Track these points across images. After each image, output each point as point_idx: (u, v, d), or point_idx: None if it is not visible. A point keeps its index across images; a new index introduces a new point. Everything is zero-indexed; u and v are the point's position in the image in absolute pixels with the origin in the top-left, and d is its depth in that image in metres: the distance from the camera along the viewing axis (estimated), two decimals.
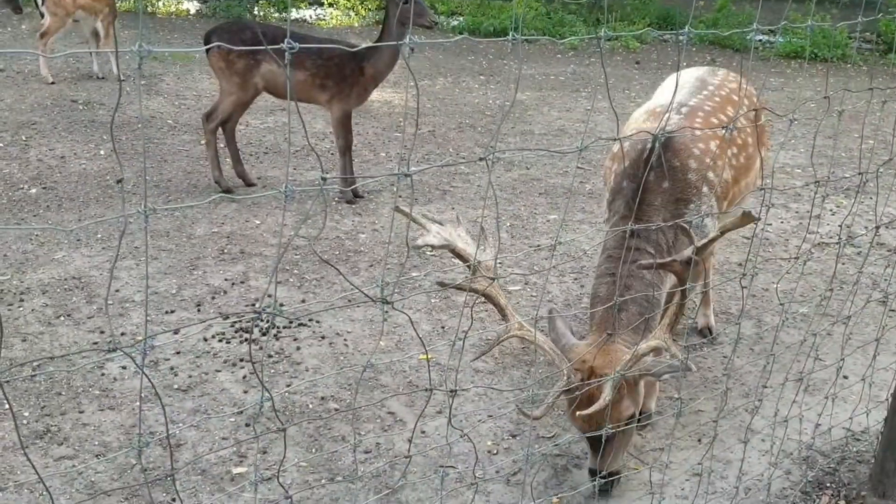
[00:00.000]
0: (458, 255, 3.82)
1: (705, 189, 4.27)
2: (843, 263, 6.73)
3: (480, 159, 2.33)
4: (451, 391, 2.95)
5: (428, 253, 4.14)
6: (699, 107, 4.67)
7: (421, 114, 11.16)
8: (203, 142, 9.41)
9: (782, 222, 7.87)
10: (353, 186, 8.23)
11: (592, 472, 3.86)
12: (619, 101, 12.10)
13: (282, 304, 5.84)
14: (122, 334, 5.37)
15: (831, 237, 7.31)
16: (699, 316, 5.53)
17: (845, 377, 4.88)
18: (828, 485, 4.15)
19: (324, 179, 2.24)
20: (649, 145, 4.17)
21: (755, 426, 4.31)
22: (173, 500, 3.95)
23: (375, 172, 8.93)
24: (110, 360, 5.01)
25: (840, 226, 7.28)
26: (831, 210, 8.15)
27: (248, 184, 8.21)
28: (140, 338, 4.30)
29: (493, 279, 3.59)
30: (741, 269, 3.39)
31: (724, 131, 3.54)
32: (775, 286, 6.17)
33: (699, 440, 4.48)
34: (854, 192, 8.05)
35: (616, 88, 13.48)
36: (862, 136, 5.55)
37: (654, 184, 4.18)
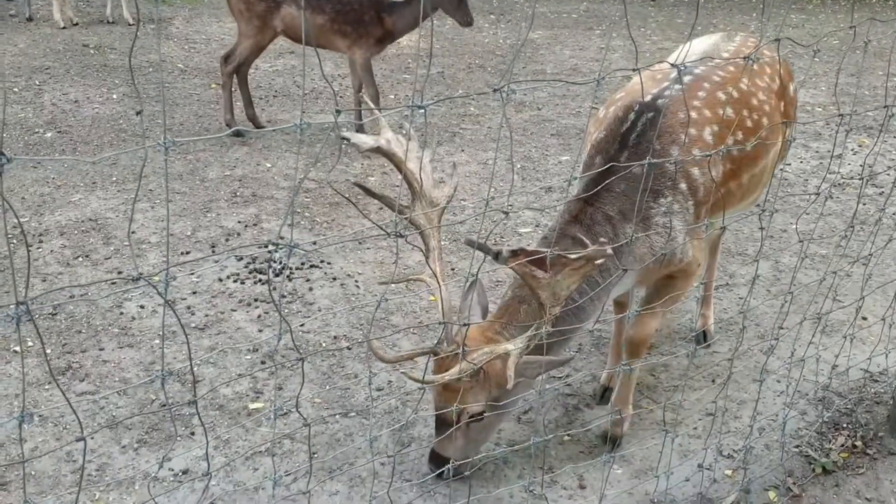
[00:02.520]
0: (405, 178, 3.51)
1: (683, 186, 3.58)
2: (864, 204, 6.69)
3: (495, 90, 2.32)
4: (464, 324, 2.98)
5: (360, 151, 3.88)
6: (706, 76, 3.87)
7: (431, 55, 11.07)
8: (213, 85, 9.39)
9: (802, 162, 7.81)
10: (360, 128, 8.22)
11: (430, 455, 3.59)
12: (634, 39, 11.96)
13: (295, 246, 5.85)
14: (140, 274, 5.41)
15: (852, 177, 7.26)
16: (699, 318, 4.94)
17: (864, 318, 4.89)
18: (844, 425, 4.18)
19: (338, 112, 2.23)
20: (632, 117, 3.62)
21: (770, 367, 4.33)
22: (192, 433, 4.01)
23: (385, 113, 8.89)
24: (129, 299, 5.06)
25: (862, 165, 7.23)
26: (853, 150, 8.06)
27: (258, 126, 8.20)
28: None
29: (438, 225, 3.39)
30: (758, 209, 3.36)
31: (748, 62, 3.18)
32: (794, 226, 6.16)
33: (713, 380, 4.51)
34: (877, 131, 7.99)
35: (631, 26, 13.31)
36: (888, 72, 5.45)
37: (631, 157, 3.53)
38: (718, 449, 3.98)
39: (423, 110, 2.31)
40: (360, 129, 8.09)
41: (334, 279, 5.46)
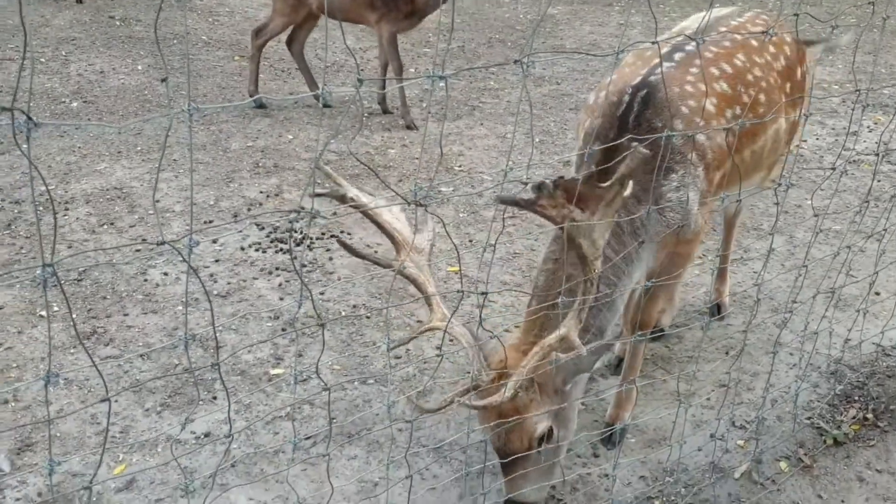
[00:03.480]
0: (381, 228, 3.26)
1: (693, 155, 3.50)
2: (879, 180, 6.69)
3: (515, 62, 2.36)
4: (483, 293, 3.02)
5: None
6: (696, 54, 3.65)
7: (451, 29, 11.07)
8: (237, 58, 9.45)
9: (817, 139, 7.79)
10: (382, 99, 8.26)
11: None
12: (654, 15, 11.89)
13: (314, 216, 5.93)
14: (164, 241, 5.50)
15: (867, 154, 7.25)
16: (713, 291, 4.92)
17: (877, 293, 4.91)
18: (856, 398, 4.22)
19: (360, 81, 2.28)
20: (626, 99, 3.52)
21: (784, 340, 4.36)
22: (214, 397, 4.11)
23: (408, 86, 8.92)
24: (153, 266, 5.16)
25: (877, 142, 7.22)
26: (868, 127, 8.03)
27: (325, 105, 8.25)
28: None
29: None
30: (774, 184, 3.38)
31: (764, 36, 3.08)
32: (809, 202, 6.17)
33: (727, 352, 4.56)
34: (893, 109, 7.96)
35: (651, 2, 13.22)
36: None
37: (628, 148, 3.20)
38: (731, 420, 4.03)
39: (443, 81, 2.34)
40: (382, 100, 8.16)
41: (367, 246, 5.53)
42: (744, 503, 3.58)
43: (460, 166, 6.91)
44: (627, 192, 2.81)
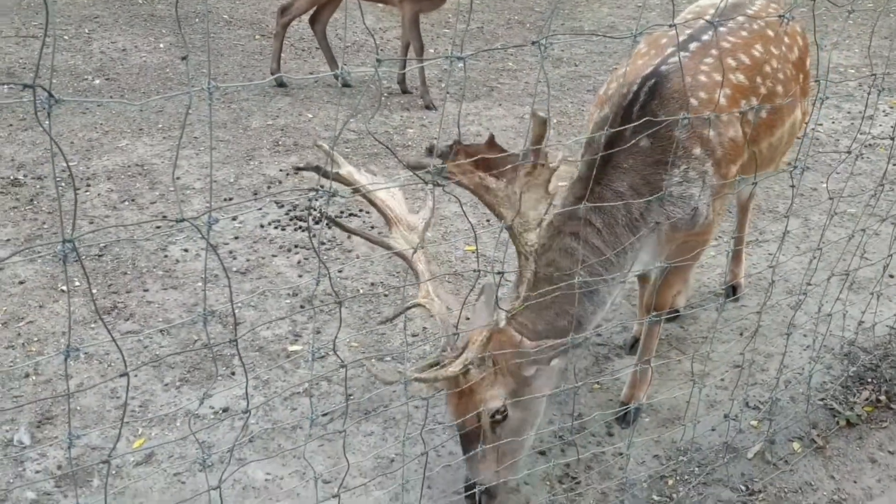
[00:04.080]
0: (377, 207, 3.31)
1: (697, 150, 3.40)
2: (894, 164, 6.66)
3: (533, 43, 2.38)
4: (499, 273, 3.04)
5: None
6: (712, 43, 3.63)
7: (470, 10, 11.04)
8: (258, 37, 9.47)
9: (833, 122, 7.76)
10: (402, 78, 8.27)
11: (466, 489, 3.26)
12: None
13: (334, 195, 5.97)
14: (181, 229, 5.57)
15: (883, 138, 7.21)
16: (728, 273, 4.92)
17: (891, 276, 4.92)
18: (869, 380, 4.23)
19: (379, 62, 2.30)
20: (634, 89, 3.44)
21: (798, 321, 4.38)
22: (232, 373, 4.16)
23: (427, 66, 8.92)
24: (173, 242, 5.21)
25: (893, 126, 7.19)
26: (884, 111, 7.99)
27: (345, 84, 8.27)
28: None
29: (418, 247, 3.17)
30: (789, 167, 3.37)
31: (782, 20, 3.05)
32: (824, 185, 6.16)
33: (741, 334, 4.58)
34: None
35: None
36: None
37: (631, 139, 3.30)
38: (745, 400, 4.06)
39: (462, 62, 2.36)
40: (402, 79, 8.17)
41: (372, 227, 5.56)
42: (756, 483, 3.60)
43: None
44: (556, 164, 2.77)
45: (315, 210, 5.74)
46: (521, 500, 3.48)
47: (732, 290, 4.90)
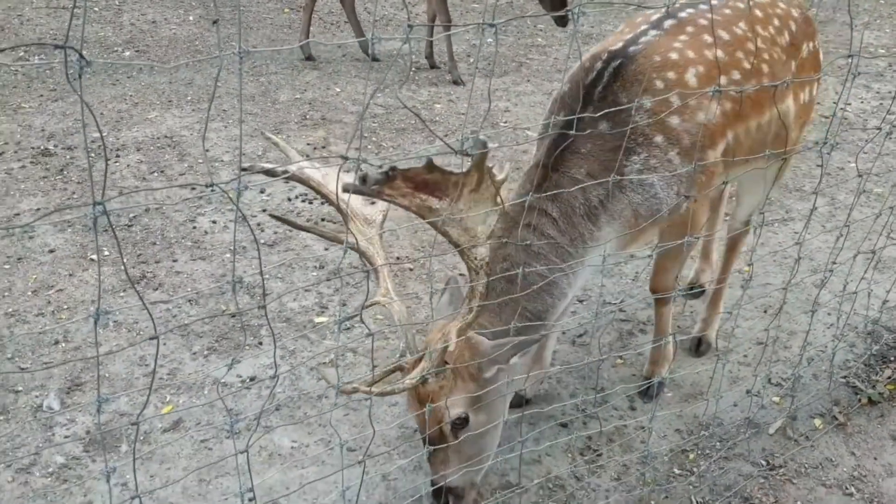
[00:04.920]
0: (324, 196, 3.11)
1: (659, 139, 3.21)
2: None
3: (566, 11, 2.38)
4: (527, 243, 3.06)
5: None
6: (692, 20, 3.46)
7: None
8: (286, 10, 9.49)
9: (862, 102, 7.69)
10: (429, 50, 8.26)
11: (433, 492, 3.12)
12: None
13: (364, 160, 6.00)
14: (213, 190, 5.62)
15: None
16: (699, 321, 4.40)
17: None
18: (891, 359, 4.22)
19: (410, 27, 2.29)
20: (598, 66, 3.28)
21: (822, 300, 4.37)
22: (260, 343, 4.22)
23: (455, 41, 8.91)
24: (202, 214, 5.27)
25: None
26: None
27: (373, 59, 8.28)
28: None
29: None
30: (817, 145, 3.33)
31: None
32: (852, 164, 6.12)
33: (765, 311, 4.58)
34: None
35: None
36: None
37: (590, 123, 3.15)
38: (767, 377, 4.06)
39: (493, 29, 2.35)
40: (430, 54, 8.16)
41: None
42: (777, 458, 3.62)
43: (506, 122, 6.93)
44: (502, 176, 2.64)
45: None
46: (543, 471, 3.51)
47: (697, 344, 4.32)
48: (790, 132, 3.66)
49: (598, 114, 3.06)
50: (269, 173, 2.73)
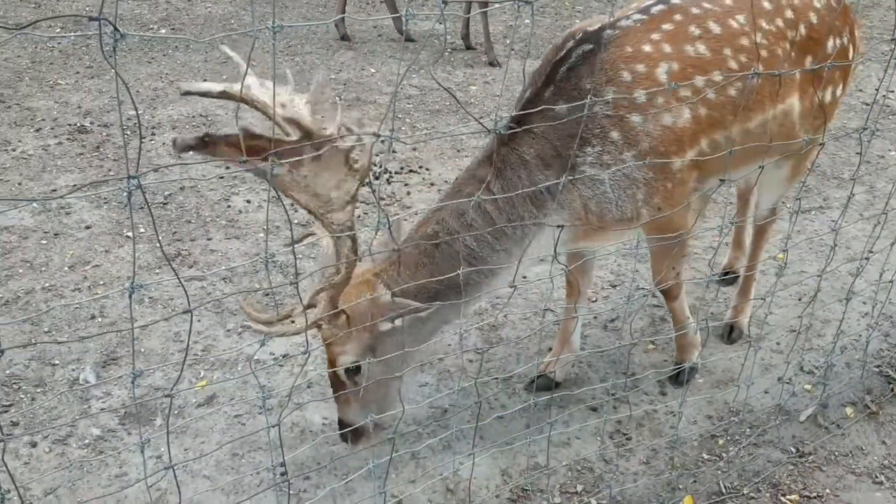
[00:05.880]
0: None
1: (615, 134, 3.07)
2: None
3: None
4: (559, 226, 3.05)
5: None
6: (682, 7, 3.24)
7: None
8: None
9: None
10: (465, 24, 8.24)
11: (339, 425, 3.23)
12: None
13: (394, 151, 6.01)
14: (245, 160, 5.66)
15: None
16: (730, 308, 4.34)
17: None
18: None
19: (445, 3, 2.27)
20: (570, 45, 3.14)
21: (857, 288, 4.32)
22: (293, 321, 4.24)
23: (492, 22, 8.87)
24: (236, 193, 5.31)
25: None
26: None
27: (408, 39, 8.29)
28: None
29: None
30: (857, 132, 3.28)
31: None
32: (892, 152, 6.05)
33: (799, 298, 4.54)
34: None
35: None
36: None
37: (548, 101, 3.05)
38: (799, 364, 4.04)
39: (530, 7, 2.33)
40: (465, 35, 8.14)
41: (432, 184, 5.60)
42: (808, 445, 3.60)
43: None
44: (348, 144, 2.57)
45: (375, 165, 5.79)
46: (572, 454, 3.52)
47: (729, 331, 4.26)
48: (796, 133, 3.43)
49: (562, 95, 3.00)
50: (207, 94, 2.50)
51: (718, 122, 3.18)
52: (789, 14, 3.36)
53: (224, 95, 2.70)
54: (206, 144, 2.29)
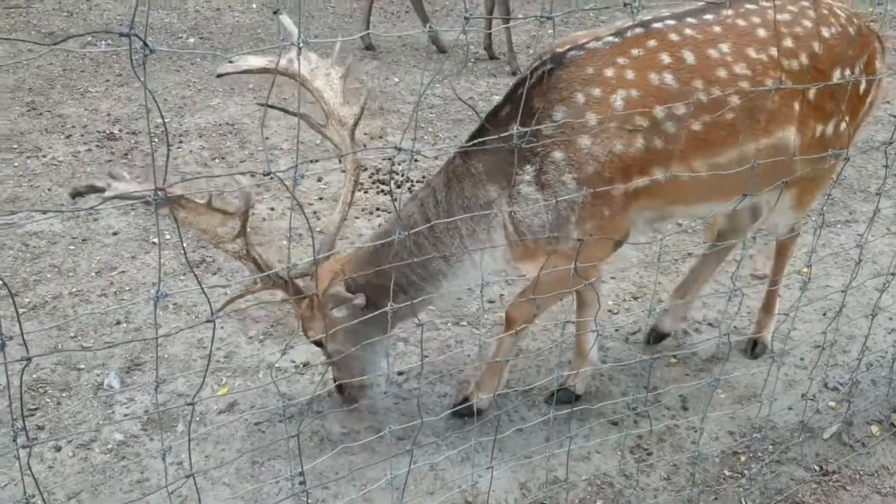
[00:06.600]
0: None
1: (558, 155, 3.01)
2: None
3: (626, 5, 2.37)
4: (579, 239, 3.04)
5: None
6: (659, 34, 3.12)
7: None
8: None
9: None
10: (488, 39, 8.26)
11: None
12: None
13: (416, 160, 6.03)
14: (272, 179, 5.69)
15: None
16: (754, 323, 4.29)
17: None
18: None
19: (466, 19, 2.29)
20: (535, 64, 3.16)
21: (883, 304, 4.29)
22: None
23: (515, 31, 8.88)
24: (259, 200, 5.34)
25: None
26: None
27: (441, 50, 8.30)
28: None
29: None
30: (884, 145, 3.23)
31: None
32: None
33: (824, 314, 4.50)
34: None
35: None
36: None
37: (505, 119, 3.10)
38: (824, 381, 4.00)
39: (551, 22, 2.35)
40: (488, 45, 8.16)
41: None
42: (832, 463, 3.56)
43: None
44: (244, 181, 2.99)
45: (397, 174, 5.80)
46: (592, 468, 3.51)
47: (753, 346, 4.23)
48: (794, 168, 3.25)
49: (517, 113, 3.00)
50: (248, 71, 3.18)
51: (679, 154, 3.06)
52: (788, 43, 3.21)
53: (265, 71, 3.03)
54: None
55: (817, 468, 3.55)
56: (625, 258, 4.93)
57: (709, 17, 3.19)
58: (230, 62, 3.34)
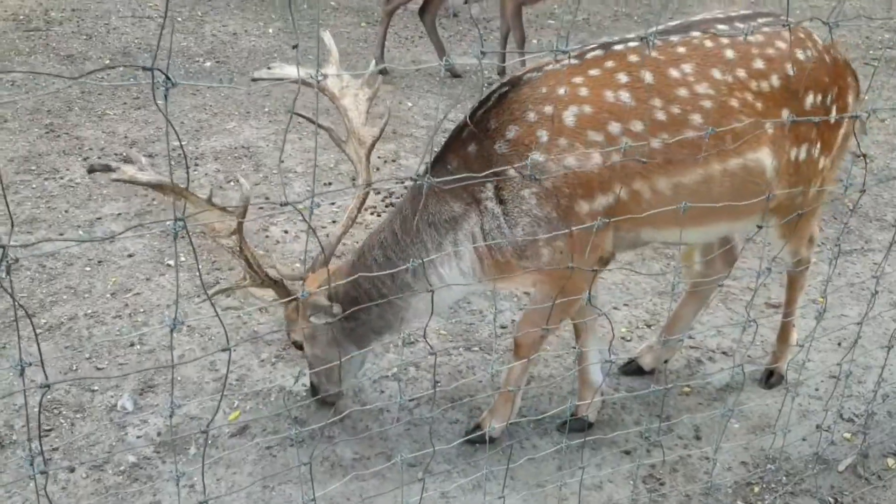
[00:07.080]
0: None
1: (512, 172, 3.08)
2: None
3: (641, 39, 2.39)
4: (594, 270, 3.05)
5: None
6: (619, 55, 3.16)
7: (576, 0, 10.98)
8: (363, 24, 9.62)
9: None
10: (502, 70, 8.29)
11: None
12: None
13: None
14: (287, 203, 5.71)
15: None
16: (769, 353, 4.27)
17: None
18: None
19: (483, 53, 2.33)
20: (496, 86, 3.29)
21: None
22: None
23: (528, 58, 8.92)
24: (274, 223, 5.36)
25: None
26: None
27: (454, 75, 8.36)
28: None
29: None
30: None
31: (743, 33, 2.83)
32: None
33: (839, 343, 4.48)
34: None
35: None
36: None
37: (465, 141, 3.25)
38: (839, 412, 3.97)
39: (566, 55, 2.37)
40: (502, 70, 8.19)
41: None
42: (846, 496, 3.54)
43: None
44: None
45: None
46: (604, 498, 3.49)
47: (768, 376, 4.21)
48: (772, 190, 3.16)
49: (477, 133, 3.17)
50: (283, 80, 3.58)
51: (642, 171, 3.08)
52: (759, 64, 3.21)
53: (301, 82, 3.11)
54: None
55: (832, 500, 3.52)
56: (638, 286, 4.93)
57: (674, 38, 3.21)
58: (268, 68, 3.57)
